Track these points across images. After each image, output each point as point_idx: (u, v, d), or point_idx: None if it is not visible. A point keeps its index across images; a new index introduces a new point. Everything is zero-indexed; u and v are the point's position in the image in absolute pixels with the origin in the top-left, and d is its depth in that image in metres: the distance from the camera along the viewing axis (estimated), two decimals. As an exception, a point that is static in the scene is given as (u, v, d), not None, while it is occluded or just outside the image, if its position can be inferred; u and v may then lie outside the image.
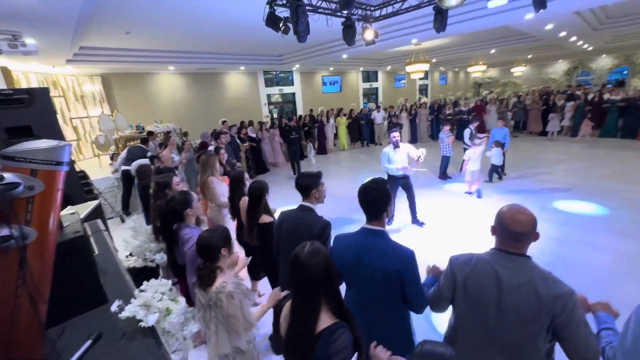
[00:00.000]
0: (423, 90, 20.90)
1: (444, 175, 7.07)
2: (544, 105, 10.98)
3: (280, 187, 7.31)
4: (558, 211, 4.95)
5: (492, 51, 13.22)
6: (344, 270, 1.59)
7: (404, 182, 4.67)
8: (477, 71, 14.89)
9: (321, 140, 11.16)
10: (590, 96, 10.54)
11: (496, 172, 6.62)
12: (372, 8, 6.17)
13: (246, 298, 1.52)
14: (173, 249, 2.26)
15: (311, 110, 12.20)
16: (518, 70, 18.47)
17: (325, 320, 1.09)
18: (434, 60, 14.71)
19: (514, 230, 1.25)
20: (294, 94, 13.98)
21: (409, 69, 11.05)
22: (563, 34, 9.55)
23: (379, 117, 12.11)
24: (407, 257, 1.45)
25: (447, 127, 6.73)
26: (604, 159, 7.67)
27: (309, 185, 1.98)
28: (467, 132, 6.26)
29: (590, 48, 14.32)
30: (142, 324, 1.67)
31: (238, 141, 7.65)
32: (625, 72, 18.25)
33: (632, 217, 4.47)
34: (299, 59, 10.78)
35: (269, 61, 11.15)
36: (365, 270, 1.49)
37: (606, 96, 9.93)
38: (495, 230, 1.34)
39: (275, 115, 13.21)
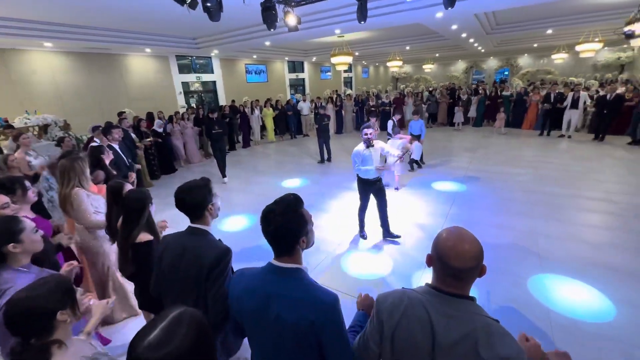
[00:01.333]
0: (348, 82, 21.53)
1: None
2: (450, 99, 12.29)
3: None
4: (468, 195, 5.45)
5: (407, 48, 14.19)
6: (244, 320, 1.20)
7: (378, 185, 3.91)
8: (394, 66, 15.83)
9: (245, 132, 10.54)
10: (488, 92, 12.18)
11: (414, 161, 7.09)
12: (293, -9, 5.77)
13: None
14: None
15: (233, 101, 11.31)
16: (428, 68, 20.47)
17: None
18: (356, 54, 15.11)
19: (453, 266, 0.96)
20: (214, 82, 12.77)
21: (333, 60, 11.02)
22: (464, 35, 10.68)
23: (305, 108, 12.00)
24: (325, 307, 1.06)
25: (372, 119, 6.84)
26: (499, 146, 8.89)
27: (200, 203, 1.44)
28: (389, 124, 6.47)
29: (483, 50, 16.57)
30: None
31: (134, 136, 6.47)
32: (506, 72, 21.80)
33: (526, 198, 5.17)
34: (216, 43, 9.76)
35: (181, 44, 9.82)
36: (270, 325, 1.10)
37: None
38: (431, 261, 1.04)
39: (193, 105, 11.85)
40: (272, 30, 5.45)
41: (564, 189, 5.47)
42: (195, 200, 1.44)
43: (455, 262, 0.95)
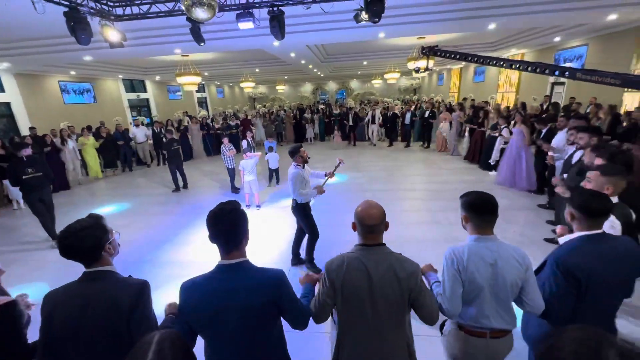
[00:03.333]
0: (203, 103, 20.57)
1: (235, 189, 7.10)
2: (295, 118, 13.48)
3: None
4: (323, 201, 6.14)
5: (257, 70, 14.90)
6: (199, 326, 1.30)
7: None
8: (248, 87, 16.32)
9: (57, 171, 7.73)
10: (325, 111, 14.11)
11: (276, 175, 7.49)
12: (110, 3, 5.09)
13: None
14: None
15: (32, 128, 8.36)
16: (281, 88, 22.14)
17: None
18: (206, 74, 14.69)
19: (368, 224, 1.43)
20: (8, 104, 9.59)
21: (179, 80, 10.37)
22: (303, 61, 12.16)
23: (139, 134, 10.17)
24: (279, 282, 1.33)
25: (226, 140, 6.77)
26: (342, 156, 10.43)
27: (93, 246, 1.28)
28: (244, 143, 6.58)
29: (322, 75, 19.33)
30: None
31: None
32: (344, 93, 26.13)
33: (364, 197, 6.23)
34: (4, 54, 7.42)
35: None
36: (235, 316, 1.25)
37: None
38: (355, 227, 1.50)
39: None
40: (85, 45, 4.62)
41: (387, 185, 6.98)
42: (87, 244, 1.27)
43: (368, 221, 1.43)
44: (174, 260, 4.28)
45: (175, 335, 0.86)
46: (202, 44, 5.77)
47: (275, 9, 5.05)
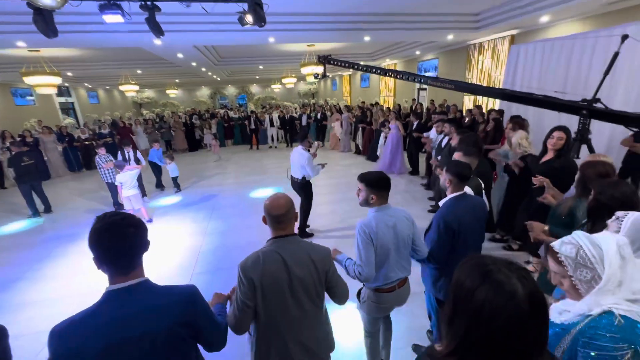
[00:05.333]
0: (70, 109, 17.02)
1: (119, 206, 6.14)
2: (185, 124, 12.54)
3: None
4: (224, 207, 5.93)
5: (139, 72, 13.22)
6: None
7: None
8: (129, 90, 14.28)
9: None
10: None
11: (176, 183, 7.04)
12: None
13: None
14: None
15: None
16: (172, 92, 20.17)
17: None
18: (69, 74, 12.25)
19: (276, 215, 1.44)
20: None
21: (28, 81, 8.35)
22: (194, 64, 11.40)
23: None
24: (191, 299, 1.13)
25: (102, 150, 5.80)
26: (245, 160, 10.29)
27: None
28: (119, 155, 5.79)
29: (219, 79, 18.49)
30: None
31: None
32: (245, 98, 25.59)
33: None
34: None
35: None
36: (132, 352, 1.01)
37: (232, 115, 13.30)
38: (265, 220, 1.50)
39: None
40: None
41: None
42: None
43: (275, 211, 1.44)
44: (34, 301, 3.47)
45: None
46: (54, 37, 4.79)
47: (148, 2, 4.60)
